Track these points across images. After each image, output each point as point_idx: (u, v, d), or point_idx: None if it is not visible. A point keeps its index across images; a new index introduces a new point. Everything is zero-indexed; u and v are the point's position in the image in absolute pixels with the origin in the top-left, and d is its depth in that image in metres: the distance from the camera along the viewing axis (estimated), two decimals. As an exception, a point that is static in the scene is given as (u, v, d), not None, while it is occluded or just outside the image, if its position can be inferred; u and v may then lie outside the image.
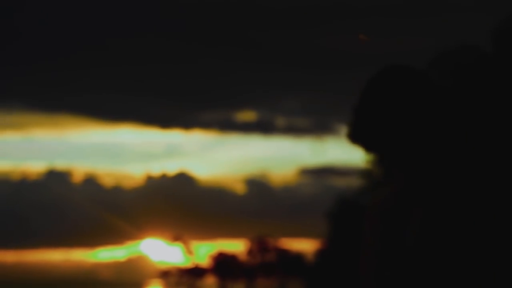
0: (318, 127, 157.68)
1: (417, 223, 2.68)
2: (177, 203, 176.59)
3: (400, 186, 2.79)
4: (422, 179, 2.75)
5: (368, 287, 2.77)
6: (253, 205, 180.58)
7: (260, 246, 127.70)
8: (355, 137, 2.87)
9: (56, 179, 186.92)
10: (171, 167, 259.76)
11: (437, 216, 2.68)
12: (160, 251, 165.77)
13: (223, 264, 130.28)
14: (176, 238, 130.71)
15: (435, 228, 2.67)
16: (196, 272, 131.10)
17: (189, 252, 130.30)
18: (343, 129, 2.84)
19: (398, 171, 2.85)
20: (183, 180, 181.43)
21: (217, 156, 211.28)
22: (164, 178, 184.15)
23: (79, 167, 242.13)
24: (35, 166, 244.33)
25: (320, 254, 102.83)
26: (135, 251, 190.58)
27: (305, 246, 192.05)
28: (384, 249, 2.73)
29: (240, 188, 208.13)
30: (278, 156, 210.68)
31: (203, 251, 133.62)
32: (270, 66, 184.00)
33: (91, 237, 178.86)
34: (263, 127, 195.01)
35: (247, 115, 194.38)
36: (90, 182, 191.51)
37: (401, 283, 2.69)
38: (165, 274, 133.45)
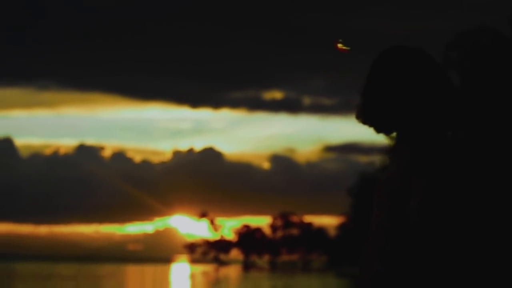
0: (343, 106, 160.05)
1: (419, 195, 2.69)
2: (203, 177, 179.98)
3: (407, 162, 2.79)
4: (426, 154, 2.77)
5: (371, 262, 2.80)
6: (278, 180, 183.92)
7: (284, 221, 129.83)
8: (365, 118, 2.92)
9: (86, 154, 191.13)
10: (199, 144, 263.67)
11: (439, 189, 2.70)
12: (187, 226, 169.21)
13: (248, 239, 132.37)
14: (203, 214, 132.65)
15: (437, 199, 2.69)
16: (221, 246, 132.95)
17: (215, 227, 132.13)
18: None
19: (405, 147, 2.86)
20: (210, 155, 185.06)
21: (245, 133, 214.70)
22: (191, 153, 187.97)
23: (109, 143, 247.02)
24: (67, 142, 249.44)
25: (342, 229, 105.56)
26: (163, 225, 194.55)
27: (328, 221, 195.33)
28: (391, 225, 2.75)
29: (265, 164, 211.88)
30: (304, 133, 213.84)
31: (228, 226, 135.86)
32: (297, 49, 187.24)
33: (120, 213, 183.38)
34: (290, 106, 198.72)
35: (275, 95, 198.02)
36: (119, 157, 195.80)
37: (401, 257, 2.71)
38: (191, 248, 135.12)
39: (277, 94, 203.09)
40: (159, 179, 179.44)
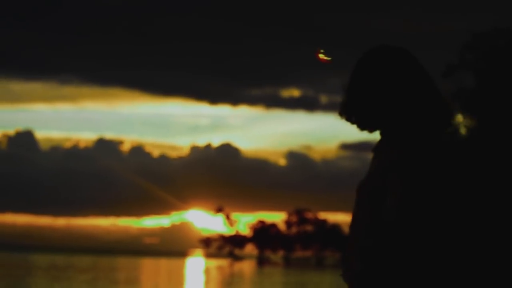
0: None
1: (396, 193, 2.70)
2: (220, 173, 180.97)
3: (387, 160, 2.80)
4: (405, 152, 2.76)
5: (352, 260, 2.80)
6: (294, 177, 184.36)
7: (298, 217, 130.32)
8: (348, 115, 2.92)
9: (105, 148, 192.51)
10: (216, 140, 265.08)
11: (416, 187, 2.69)
12: (203, 220, 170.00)
13: (263, 234, 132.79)
14: (219, 209, 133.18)
15: (413, 198, 2.69)
16: (236, 241, 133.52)
17: (231, 222, 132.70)
18: None
19: (386, 146, 2.87)
20: (227, 151, 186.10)
21: (262, 130, 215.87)
22: (208, 148, 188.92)
23: (128, 138, 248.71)
24: (87, 136, 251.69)
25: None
26: (179, 219, 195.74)
27: (342, 218, 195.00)
28: (370, 223, 2.75)
29: (282, 161, 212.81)
30: (320, 131, 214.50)
31: (244, 221, 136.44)
32: (316, 47, 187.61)
33: (137, 206, 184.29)
34: (307, 104, 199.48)
35: (292, 93, 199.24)
36: (138, 151, 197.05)
37: (381, 255, 2.71)
38: (206, 242, 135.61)
39: (294, 92, 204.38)
40: (177, 174, 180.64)
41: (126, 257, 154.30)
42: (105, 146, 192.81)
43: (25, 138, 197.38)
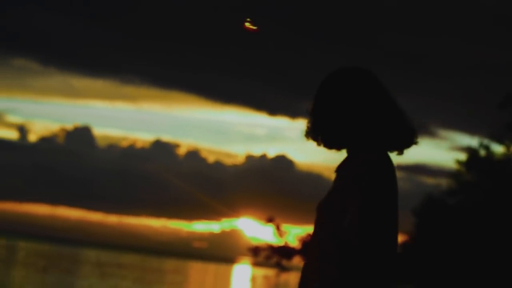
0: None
1: (354, 211, 2.73)
2: (273, 183, 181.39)
3: (351, 178, 2.83)
4: (363, 172, 2.79)
5: (311, 276, 2.87)
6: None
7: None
8: (314, 136, 3.02)
9: (162, 150, 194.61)
10: (272, 151, 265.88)
11: (373, 205, 2.72)
12: (253, 229, 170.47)
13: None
14: (269, 219, 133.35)
15: (371, 214, 2.71)
16: (284, 252, 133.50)
17: (280, 233, 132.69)
18: (438, 130, 3.34)
19: (350, 165, 2.93)
20: (282, 162, 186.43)
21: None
22: (263, 159, 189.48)
23: (184, 142, 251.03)
24: (144, 136, 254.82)
25: (404, 247, 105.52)
26: (229, 226, 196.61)
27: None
28: (329, 240, 2.80)
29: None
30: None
31: (293, 233, 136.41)
32: (375, 66, 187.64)
33: (189, 210, 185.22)
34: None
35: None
36: (194, 156, 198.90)
37: (338, 272, 2.76)
38: (255, 251, 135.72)
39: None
40: (231, 181, 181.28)
41: (174, 259, 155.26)
42: (162, 148, 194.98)
43: (83, 134, 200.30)
